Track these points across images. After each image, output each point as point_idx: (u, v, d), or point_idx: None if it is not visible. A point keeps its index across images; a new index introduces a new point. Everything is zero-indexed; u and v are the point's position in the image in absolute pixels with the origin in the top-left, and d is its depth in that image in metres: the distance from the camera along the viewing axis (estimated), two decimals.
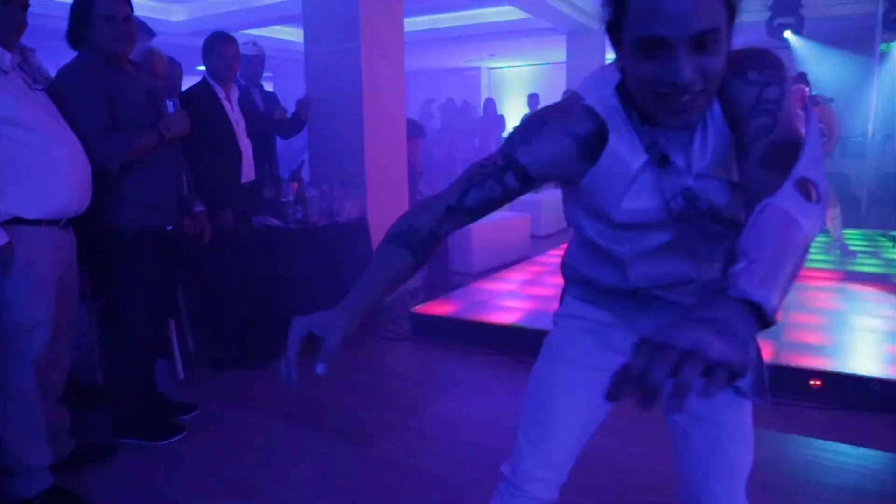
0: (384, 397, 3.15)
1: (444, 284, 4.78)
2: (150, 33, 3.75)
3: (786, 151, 0.94)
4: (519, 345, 3.59)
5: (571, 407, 1.28)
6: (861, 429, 2.67)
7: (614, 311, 1.26)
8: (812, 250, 5.75)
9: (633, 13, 0.90)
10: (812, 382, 2.92)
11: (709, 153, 1.04)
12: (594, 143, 1.05)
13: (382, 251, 1.08)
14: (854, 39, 8.14)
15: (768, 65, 1.00)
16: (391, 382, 3.35)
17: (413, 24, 9.47)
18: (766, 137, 0.97)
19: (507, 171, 1.07)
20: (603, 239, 1.17)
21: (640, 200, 1.07)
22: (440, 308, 4.07)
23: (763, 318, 0.72)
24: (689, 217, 1.06)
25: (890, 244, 6.21)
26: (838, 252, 5.59)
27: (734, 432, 1.22)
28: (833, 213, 5.47)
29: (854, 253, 5.64)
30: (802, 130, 0.95)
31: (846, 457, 2.46)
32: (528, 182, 1.08)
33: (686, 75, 0.89)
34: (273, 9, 8.23)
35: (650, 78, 0.92)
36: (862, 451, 2.51)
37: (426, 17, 9.61)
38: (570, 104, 1.07)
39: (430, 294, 4.53)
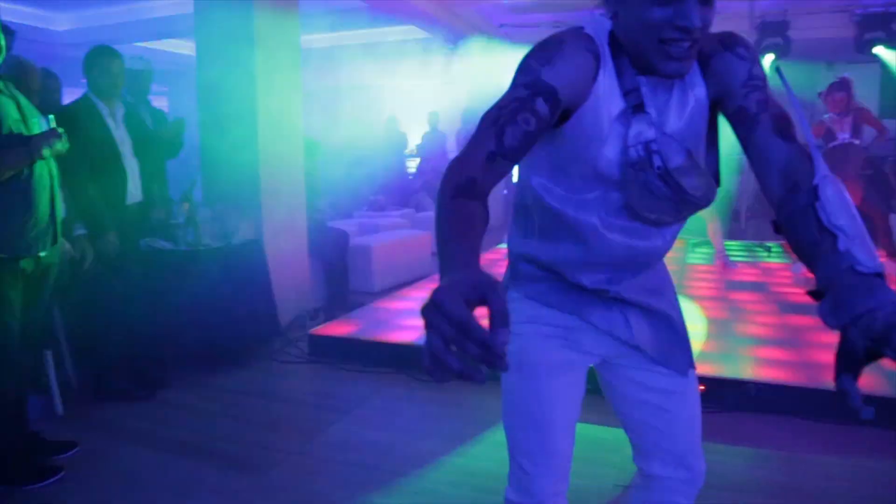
0: (281, 422, 3.07)
1: (344, 304, 4.73)
2: (9, 32, 3.51)
3: (786, 121, 1.07)
4: (418, 363, 3.58)
5: (565, 415, 1.30)
6: (740, 428, 2.85)
7: (580, 315, 1.27)
8: (696, 260, 6.06)
9: None
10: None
11: (685, 118, 1.12)
12: (599, 68, 1.07)
13: (456, 207, 0.91)
14: None
15: (750, 46, 1.12)
16: (288, 407, 3.27)
17: (313, 41, 9.39)
18: (767, 111, 1.08)
19: (535, 98, 1.00)
20: (570, 206, 1.16)
21: (612, 150, 1.10)
22: (339, 329, 4.02)
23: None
24: (641, 170, 1.09)
25: (766, 253, 6.67)
26: (721, 263, 5.95)
27: (697, 401, 1.34)
28: (714, 227, 5.82)
29: (735, 263, 6.01)
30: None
31: (728, 456, 2.60)
32: (557, 107, 1.02)
33: (696, 20, 0.98)
34: (166, 22, 7.95)
35: (659, 22, 0.99)
36: (741, 448, 2.67)
37: (326, 35, 9.55)
38: (574, 30, 1.08)
39: (330, 314, 4.47)
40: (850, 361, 0.81)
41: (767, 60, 8.02)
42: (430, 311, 0.68)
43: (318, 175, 5.20)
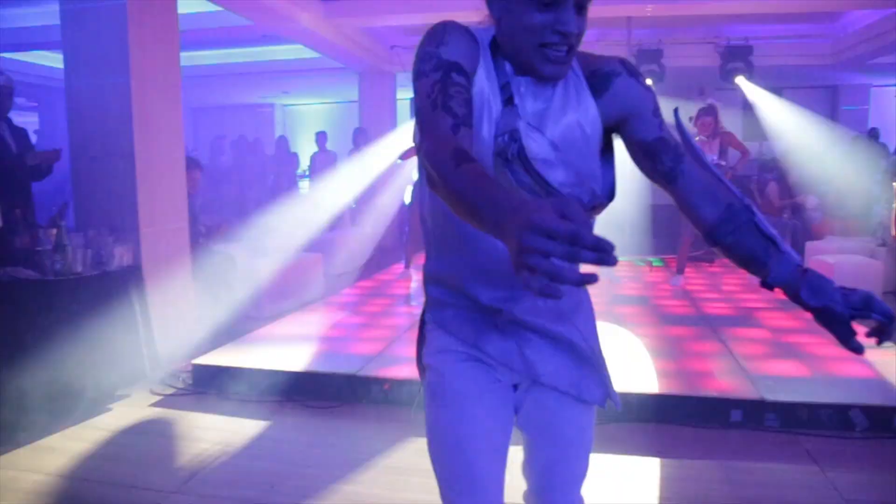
0: (159, 460, 2.89)
1: (231, 331, 4.55)
2: None
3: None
4: (307, 390, 3.51)
5: (488, 440, 1.22)
6: (623, 438, 2.95)
7: (476, 346, 1.22)
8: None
9: None
10: None
11: (562, 125, 1.15)
12: (479, 58, 1.13)
13: (467, 170, 0.88)
14: None
15: None
16: (168, 443, 3.09)
17: (200, 57, 9.09)
18: (678, 142, 1.19)
19: (449, 74, 1.05)
20: None
21: (487, 140, 1.12)
22: (225, 357, 3.85)
23: None
24: (507, 160, 1.12)
25: (648, 268, 7.03)
26: (607, 278, 6.21)
27: (576, 445, 1.29)
28: None
29: (620, 278, 6.29)
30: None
31: (609, 465, 2.69)
32: (468, 77, 1.08)
33: (573, 26, 1.07)
34: (31, 32, 7.45)
35: (540, 27, 1.06)
36: (623, 457, 2.77)
37: (215, 52, 9.27)
38: (452, 20, 1.15)
39: (216, 342, 4.29)
40: (845, 328, 1.06)
41: None
42: (533, 237, 0.68)
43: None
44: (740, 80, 8.87)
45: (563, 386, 1.23)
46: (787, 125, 9.26)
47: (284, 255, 6.08)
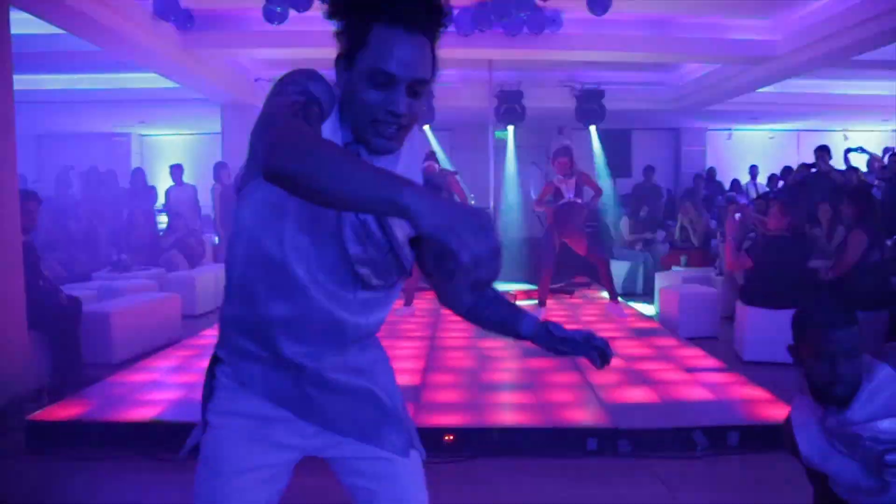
0: None
1: (76, 381, 4.19)
2: None
3: None
4: (159, 442, 3.27)
5: None
6: (485, 473, 3.00)
7: (276, 400, 1.23)
8: (450, 312, 6.39)
9: (373, 49, 1.10)
10: (445, 438, 3.19)
11: None
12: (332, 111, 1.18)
13: (352, 155, 1.06)
14: (474, 127, 9.63)
15: None
16: None
17: (45, 81, 8.48)
18: None
19: (310, 104, 1.09)
20: (286, 246, 1.15)
21: None
22: (67, 411, 3.52)
23: None
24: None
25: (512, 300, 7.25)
26: None
27: (414, 484, 1.33)
28: None
29: None
30: None
31: (473, 499, 2.73)
32: (322, 118, 1.12)
33: (403, 108, 1.12)
34: None
35: (373, 104, 1.12)
36: (485, 491, 2.81)
37: (62, 76, 8.68)
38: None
39: (57, 395, 3.92)
40: (586, 350, 1.37)
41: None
42: (481, 233, 0.85)
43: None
44: (592, 128, 9.55)
45: (364, 439, 1.29)
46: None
47: (138, 295, 5.72)
